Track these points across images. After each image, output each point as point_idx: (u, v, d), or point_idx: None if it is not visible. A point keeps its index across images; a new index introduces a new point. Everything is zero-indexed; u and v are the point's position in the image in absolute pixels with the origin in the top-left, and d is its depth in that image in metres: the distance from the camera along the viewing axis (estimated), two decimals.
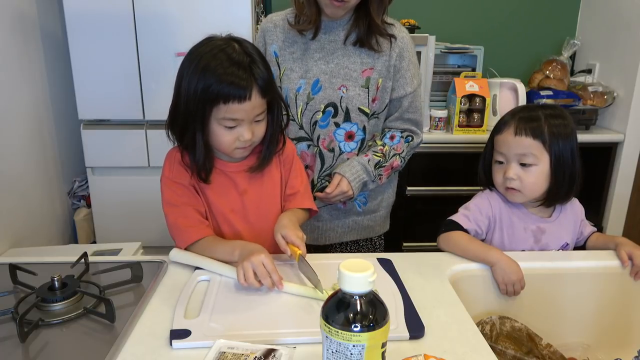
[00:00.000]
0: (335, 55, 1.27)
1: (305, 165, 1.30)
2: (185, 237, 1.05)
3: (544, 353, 1.00)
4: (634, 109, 2.32)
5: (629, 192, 2.41)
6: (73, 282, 0.92)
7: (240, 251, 0.98)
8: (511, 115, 1.14)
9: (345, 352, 0.59)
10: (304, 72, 1.27)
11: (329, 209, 1.35)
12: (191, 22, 2.03)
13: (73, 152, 2.33)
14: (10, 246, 1.82)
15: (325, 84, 1.26)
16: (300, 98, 1.27)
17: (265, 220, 1.10)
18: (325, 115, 1.27)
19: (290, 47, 1.28)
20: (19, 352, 0.77)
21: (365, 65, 1.27)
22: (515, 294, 1.06)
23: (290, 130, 1.29)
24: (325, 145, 1.29)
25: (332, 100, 1.26)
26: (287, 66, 1.28)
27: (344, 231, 1.39)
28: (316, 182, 1.32)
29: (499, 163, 1.15)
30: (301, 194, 1.15)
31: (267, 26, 1.31)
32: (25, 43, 2.01)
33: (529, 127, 1.10)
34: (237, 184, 1.09)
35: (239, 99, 0.95)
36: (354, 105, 1.27)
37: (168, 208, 1.07)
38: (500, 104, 2.36)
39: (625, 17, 2.37)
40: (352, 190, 1.26)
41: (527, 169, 1.11)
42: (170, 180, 1.07)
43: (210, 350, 0.76)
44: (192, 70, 0.96)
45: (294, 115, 1.28)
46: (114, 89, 2.10)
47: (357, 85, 1.26)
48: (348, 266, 0.59)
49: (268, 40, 1.30)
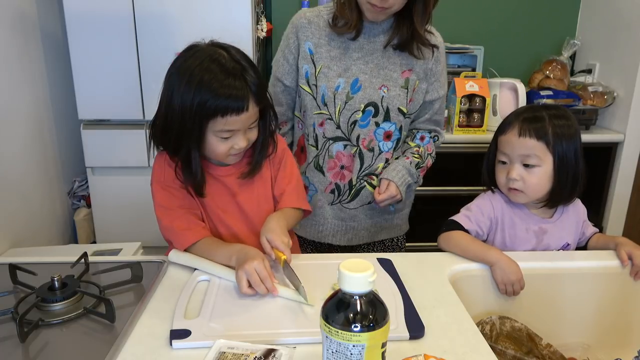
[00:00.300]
0: (375, 56, 1.26)
1: (340, 165, 1.30)
2: (183, 239, 1.04)
3: (544, 353, 1.00)
4: (634, 109, 2.32)
5: (629, 192, 2.41)
6: (73, 282, 0.92)
7: (237, 257, 0.97)
8: (515, 116, 1.14)
9: (345, 352, 0.59)
10: (343, 71, 1.25)
11: (364, 209, 1.35)
12: (191, 22, 2.03)
13: (73, 152, 2.33)
14: (11, 246, 1.82)
15: (365, 83, 1.25)
16: (338, 97, 1.25)
17: (260, 220, 1.10)
18: (366, 114, 1.26)
19: (327, 45, 1.26)
20: (19, 352, 0.77)
21: (405, 66, 1.27)
22: (515, 294, 1.06)
23: (327, 130, 1.28)
24: (365, 145, 1.29)
25: (372, 100, 1.26)
26: (324, 64, 1.26)
27: (376, 230, 1.40)
28: (355, 182, 1.31)
29: (502, 163, 1.15)
30: (288, 194, 1.13)
31: (300, 22, 1.28)
32: (25, 43, 2.01)
33: (532, 127, 1.09)
34: (229, 187, 1.09)
35: (237, 111, 0.95)
36: (394, 105, 1.27)
37: (162, 211, 1.06)
38: (500, 104, 2.36)
39: (625, 17, 2.37)
40: (401, 194, 1.27)
41: (530, 170, 1.10)
42: (163, 184, 1.06)
43: (210, 350, 0.76)
44: (184, 85, 0.94)
45: (332, 114, 1.27)
46: (114, 89, 2.10)
47: (397, 85, 1.26)
48: (348, 266, 0.59)
49: (301, 36, 1.27)
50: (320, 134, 1.29)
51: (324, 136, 1.29)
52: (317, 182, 1.33)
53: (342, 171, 1.31)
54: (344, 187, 1.32)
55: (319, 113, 1.27)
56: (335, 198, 1.33)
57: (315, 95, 1.27)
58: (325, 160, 1.31)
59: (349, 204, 1.33)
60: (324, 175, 1.32)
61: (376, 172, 1.31)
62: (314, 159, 1.32)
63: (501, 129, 1.16)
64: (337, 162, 1.30)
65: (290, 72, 1.30)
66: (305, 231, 1.39)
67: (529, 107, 1.17)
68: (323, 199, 1.34)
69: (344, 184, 1.31)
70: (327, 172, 1.31)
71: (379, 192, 1.27)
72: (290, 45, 1.29)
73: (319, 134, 1.29)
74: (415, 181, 1.33)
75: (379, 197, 1.26)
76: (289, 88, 1.32)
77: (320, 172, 1.32)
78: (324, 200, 1.34)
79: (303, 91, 1.28)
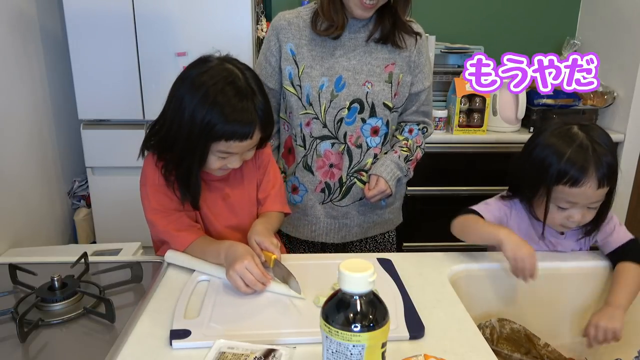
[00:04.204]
0: (357, 52, 1.26)
1: (329, 164, 1.30)
2: (181, 240, 1.05)
3: (542, 353, 1.00)
4: (634, 109, 2.32)
5: (629, 192, 2.41)
6: (73, 282, 0.92)
7: (225, 254, 0.98)
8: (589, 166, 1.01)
9: (345, 352, 0.59)
10: (326, 70, 1.26)
11: (356, 205, 1.35)
12: (191, 22, 2.03)
13: (73, 152, 2.33)
14: (10, 246, 1.82)
15: (349, 80, 1.26)
16: (323, 96, 1.26)
17: (248, 221, 1.12)
18: (352, 111, 1.27)
19: (308, 44, 1.27)
20: (19, 352, 0.77)
21: (387, 60, 1.27)
22: (527, 273, 0.98)
23: (313, 129, 1.28)
24: (352, 142, 1.29)
25: (357, 97, 1.26)
26: (307, 64, 1.26)
27: (369, 226, 1.40)
28: (345, 179, 1.31)
29: (561, 208, 1.06)
30: (272, 198, 1.16)
31: (280, 24, 1.28)
32: (25, 43, 2.01)
33: (607, 177, 1.01)
34: (220, 190, 1.11)
35: (240, 139, 0.96)
36: (379, 100, 1.27)
37: (156, 215, 1.06)
38: (500, 104, 2.36)
39: (625, 17, 2.37)
40: (390, 188, 1.28)
41: (591, 210, 1.06)
42: (157, 187, 1.05)
43: (210, 350, 0.76)
44: (197, 101, 0.94)
45: (317, 113, 1.27)
46: (114, 89, 2.10)
47: (381, 80, 1.27)
48: (348, 266, 0.59)
49: (282, 38, 1.28)
50: (307, 134, 1.29)
51: (311, 135, 1.29)
52: (307, 181, 1.33)
53: (332, 169, 1.31)
54: (334, 186, 1.32)
55: (305, 113, 1.27)
56: (326, 197, 1.33)
57: (300, 95, 1.27)
58: (313, 160, 1.30)
59: (340, 201, 1.33)
60: (313, 175, 1.31)
61: (365, 169, 1.31)
62: (302, 158, 1.32)
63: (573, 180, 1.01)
64: (326, 160, 1.30)
65: (273, 75, 1.31)
66: (298, 232, 1.39)
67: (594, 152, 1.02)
68: (314, 198, 1.34)
69: (333, 182, 1.31)
70: (317, 172, 1.31)
71: (368, 188, 1.27)
72: (271, 47, 1.29)
73: (306, 133, 1.29)
74: (405, 174, 1.33)
75: (368, 193, 1.26)
76: (272, 91, 1.32)
77: (310, 172, 1.32)
78: (315, 200, 1.34)
79: (287, 92, 1.28)
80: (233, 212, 1.13)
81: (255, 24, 2.18)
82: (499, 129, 2.38)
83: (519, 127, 2.43)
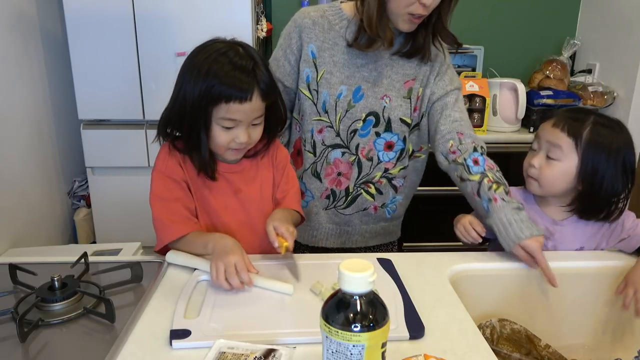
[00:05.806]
0: (379, 64, 1.22)
1: (337, 172, 1.28)
2: (168, 233, 1.04)
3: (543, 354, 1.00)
4: (634, 109, 2.32)
5: None
6: (73, 282, 0.92)
7: (213, 245, 0.98)
8: (563, 111, 1.15)
9: (345, 352, 0.59)
10: (345, 78, 1.22)
11: (359, 215, 1.33)
12: (191, 22, 2.03)
13: (73, 152, 2.33)
14: (10, 246, 1.82)
15: (368, 92, 1.22)
16: (340, 105, 1.22)
17: (258, 218, 1.10)
18: (366, 124, 1.23)
19: (330, 49, 1.22)
20: (19, 352, 0.77)
21: (407, 77, 1.23)
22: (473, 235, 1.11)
23: (326, 137, 1.25)
24: (364, 154, 1.26)
25: (373, 110, 1.23)
26: (327, 69, 1.22)
27: (370, 236, 1.38)
28: (352, 189, 1.29)
29: (532, 150, 1.17)
30: (291, 196, 1.16)
31: (305, 22, 1.22)
32: (25, 43, 2.01)
33: (569, 123, 1.09)
34: (232, 183, 1.10)
35: (239, 99, 0.96)
36: (395, 115, 1.23)
37: (156, 201, 1.06)
38: (500, 104, 2.36)
39: (625, 17, 2.37)
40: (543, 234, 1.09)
41: (550, 162, 1.11)
42: (163, 173, 1.06)
43: (210, 350, 0.76)
44: (194, 76, 0.97)
45: (332, 122, 1.24)
46: (114, 89, 2.10)
47: (400, 96, 1.23)
48: (348, 266, 0.59)
49: (305, 37, 1.22)
50: (319, 141, 1.26)
51: (323, 143, 1.26)
52: (314, 188, 1.31)
53: (339, 178, 1.29)
54: (339, 194, 1.30)
55: (319, 119, 1.25)
56: (330, 203, 1.32)
57: (316, 101, 1.24)
58: (323, 167, 1.29)
59: (345, 210, 1.32)
60: (321, 182, 1.30)
61: (373, 181, 1.29)
62: (311, 165, 1.30)
63: (546, 119, 1.16)
64: (335, 168, 1.28)
65: (291, 74, 1.27)
66: (299, 236, 1.37)
67: (581, 109, 1.15)
68: (319, 204, 1.33)
69: (340, 190, 1.30)
70: (324, 179, 1.29)
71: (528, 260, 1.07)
72: (292, 45, 1.24)
73: (317, 140, 1.27)
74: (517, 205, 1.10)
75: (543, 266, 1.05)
76: (288, 89, 1.28)
77: (318, 179, 1.30)
78: (320, 206, 1.33)
79: (302, 95, 1.25)
80: (243, 206, 1.12)
81: (255, 24, 2.18)
82: (499, 129, 2.38)
83: (519, 127, 2.43)
